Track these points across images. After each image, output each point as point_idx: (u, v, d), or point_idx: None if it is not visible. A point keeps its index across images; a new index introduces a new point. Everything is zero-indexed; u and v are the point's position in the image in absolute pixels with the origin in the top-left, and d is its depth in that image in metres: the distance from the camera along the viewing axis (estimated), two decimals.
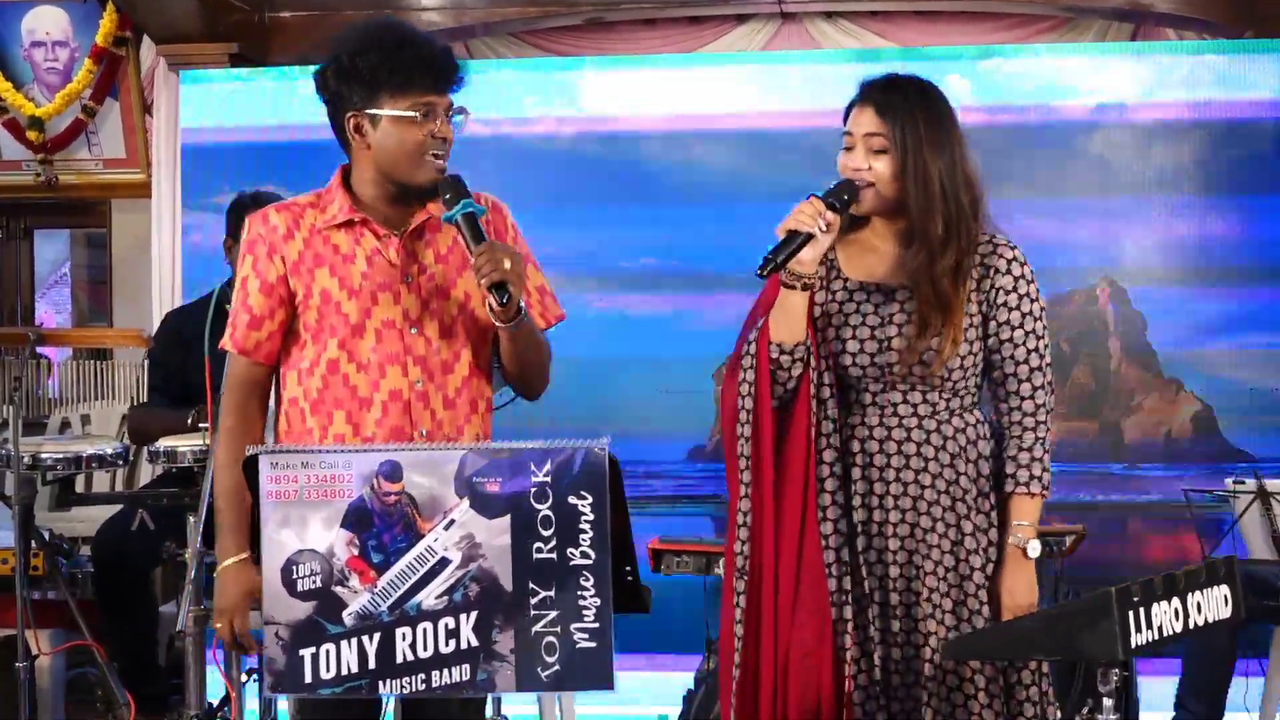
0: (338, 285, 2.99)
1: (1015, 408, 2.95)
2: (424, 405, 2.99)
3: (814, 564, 2.93)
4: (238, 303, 3.04)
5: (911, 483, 2.93)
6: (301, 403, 3.03)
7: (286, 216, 3.04)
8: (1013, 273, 2.95)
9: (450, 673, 2.45)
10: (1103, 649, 2.47)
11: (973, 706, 2.92)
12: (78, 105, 6.21)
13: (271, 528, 2.48)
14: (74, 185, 6.40)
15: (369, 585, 2.46)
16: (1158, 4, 5.58)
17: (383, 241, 3.00)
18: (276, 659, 2.47)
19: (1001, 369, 2.96)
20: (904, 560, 2.94)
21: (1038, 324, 2.96)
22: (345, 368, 2.99)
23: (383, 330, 2.98)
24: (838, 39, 6.09)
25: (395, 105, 2.94)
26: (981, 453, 2.96)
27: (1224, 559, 2.69)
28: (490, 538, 2.44)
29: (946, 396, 2.95)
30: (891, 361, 2.92)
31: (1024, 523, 2.92)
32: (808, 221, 2.85)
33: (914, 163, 2.90)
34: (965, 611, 2.92)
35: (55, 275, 7.06)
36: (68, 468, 4.23)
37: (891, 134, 2.90)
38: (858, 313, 2.97)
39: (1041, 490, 2.93)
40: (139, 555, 4.58)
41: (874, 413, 2.96)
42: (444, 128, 2.95)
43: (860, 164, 2.92)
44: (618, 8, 6.01)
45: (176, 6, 5.72)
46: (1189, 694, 4.44)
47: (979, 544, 2.93)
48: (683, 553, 4.39)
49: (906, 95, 2.95)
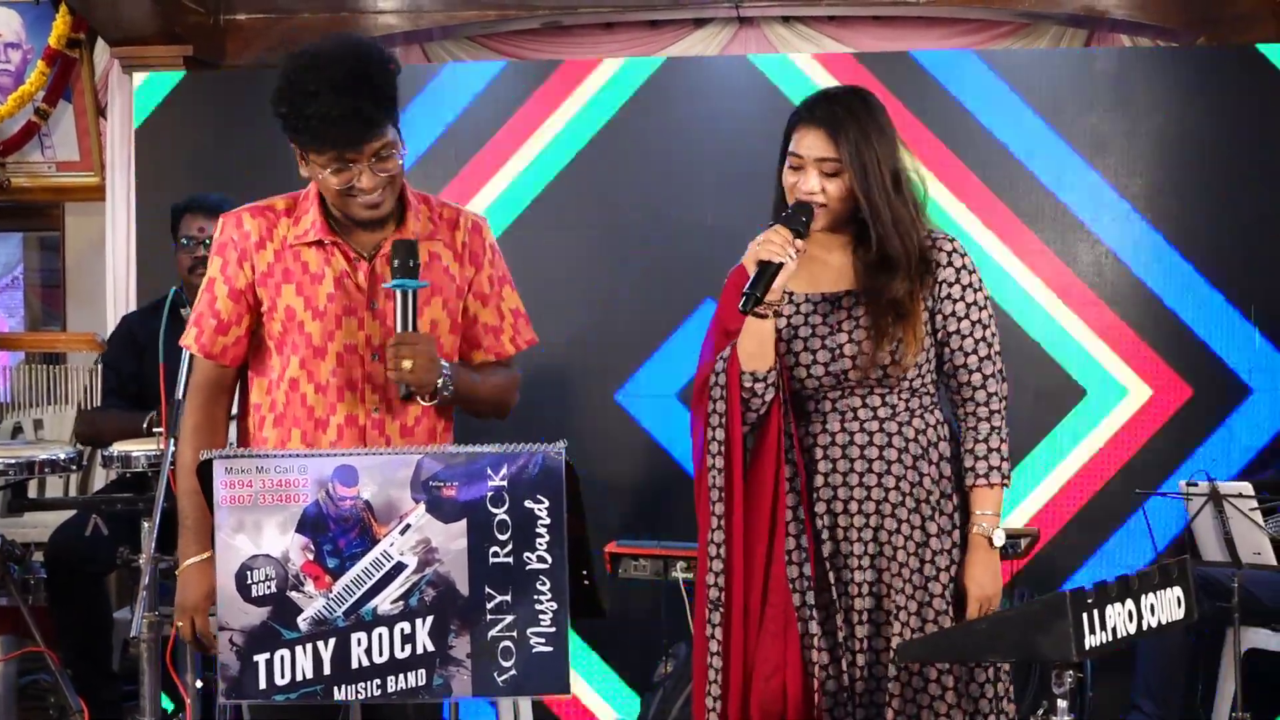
0: (303, 305, 2.98)
1: (969, 398, 2.99)
2: (379, 433, 2.99)
3: (780, 586, 2.95)
4: (204, 305, 3.03)
5: (875, 486, 2.95)
6: (264, 412, 3.04)
7: (261, 224, 3.03)
8: (954, 264, 2.99)
9: (406, 678, 2.44)
10: (1057, 650, 2.48)
11: (939, 708, 2.94)
12: (30, 107, 6.15)
13: (226, 533, 2.46)
14: (27, 188, 6.34)
15: (324, 590, 2.45)
16: (1112, 10, 5.62)
17: (353, 264, 2.99)
18: (230, 665, 2.45)
19: (952, 361, 3.00)
20: (869, 565, 2.96)
21: (983, 313, 3.00)
22: (304, 387, 2.99)
23: (344, 354, 2.97)
24: (795, 44, 6.11)
25: (313, 154, 2.91)
26: (943, 454, 3.00)
27: (1177, 561, 2.71)
28: (447, 542, 2.44)
29: (905, 397, 2.97)
30: (846, 369, 2.95)
31: (987, 512, 2.96)
32: (779, 251, 2.86)
33: (871, 182, 2.93)
34: (930, 613, 2.95)
35: (8, 279, 7.00)
36: (20, 472, 4.19)
37: (844, 157, 2.92)
38: (806, 324, 3.00)
39: (1002, 480, 2.97)
40: (93, 560, 4.55)
41: (835, 419, 2.98)
42: (364, 178, 2.88)
43: (813, 187, 2.95)
44: (575, 11, 6.01)
45: (131, 8, 5.68)
46: (1142, 695, 4.47)
47: (944, 545, 2.97)
48: (640, 556, 4.39)
49: (852, 111, 2.96)
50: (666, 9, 6.03)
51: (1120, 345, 5.06)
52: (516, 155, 5.28)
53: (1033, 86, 5.12)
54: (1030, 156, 5.09)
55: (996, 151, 5.10)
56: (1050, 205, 5.08)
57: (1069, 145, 5.08)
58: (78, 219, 6.43)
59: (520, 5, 5.96)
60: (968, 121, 5.11)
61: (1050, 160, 5.09)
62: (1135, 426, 5.03)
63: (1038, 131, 5.09)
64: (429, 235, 3.04)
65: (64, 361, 6.30)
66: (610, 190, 5.27)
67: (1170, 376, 5.03)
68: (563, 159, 5.28)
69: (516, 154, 5.28)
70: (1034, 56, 5.66)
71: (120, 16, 5.76)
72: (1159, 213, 5.05)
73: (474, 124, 5.31)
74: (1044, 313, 5.08)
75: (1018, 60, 5.37)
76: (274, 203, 3.08)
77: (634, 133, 5.25)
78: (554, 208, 5.26)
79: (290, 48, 5.86)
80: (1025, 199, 5.09)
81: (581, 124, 5.28)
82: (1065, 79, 5.14)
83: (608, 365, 5.19)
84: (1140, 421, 5.03)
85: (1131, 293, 5.05)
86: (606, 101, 5.27)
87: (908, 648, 2.81)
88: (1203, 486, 4.18)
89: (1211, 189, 5.05)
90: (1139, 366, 5.03)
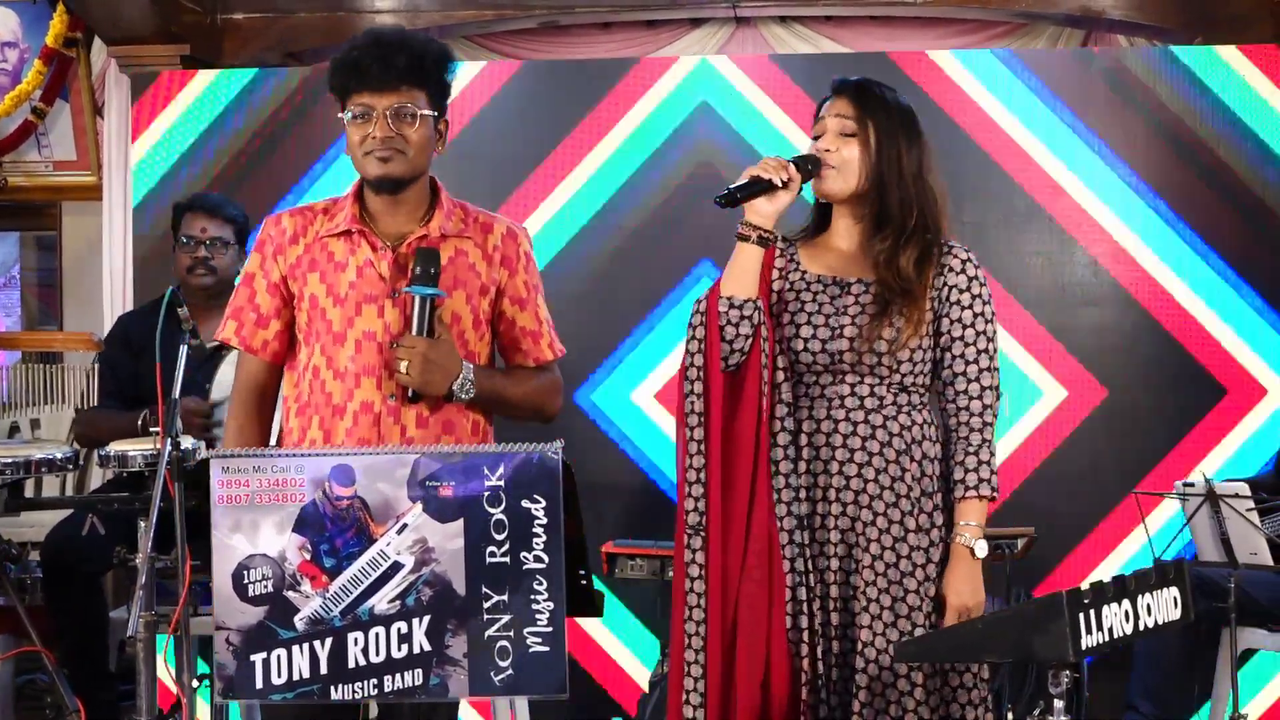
0: (325, 292, 3.06)
1: (963, 408, 2.99)
2: (394, 420, 3.02)
3: (761, 535, 2.95)
4: (243, 299, 3.14)
5: (855, 476, 2.97)
6: (290, 402, 3.12)
7: (297, 220, 3.13)
8: (966, 273, 3.02)
9: (403, 677, 2.44)
10: (1054, 650, 2.48)
11: (907, 703, 2.95)
12: (27, 107, 6.14)
13: (223, 532, 2.46)
14: (24, 187, 6.33)
15: (321, 590, 2.46)
16: (1109, 10, 5.62)
17: (377, 254, 3.06)
18: (227, 664, 2.45)
19: (951, 368, 3.01)
20: (843, 554, 2.98)
21: (989, 326, 3.03)
22: (324, 374, 3.05)
23: (363, 341, 3.03)
24: (792, 44, 6.10)
25: (344, 107, 3.05)
26: (927, 454, 3.00)
27: (1174, 562, 2.71)
28: (443, 542, 2.44)
29: (894, 391, 2.99)
30: (843, 349, 2.98)
31: (971, 523, 2.97)
32: (771, 171, 2.95)
33: (887, 149, 3.01)
34: (904, 608, 2.95)
35: (4, 278, 6.99)
36: (17, 472, 4.17)
37: (863, 120, 3.01)
38: (814, 301, 3.04)
39: (991, 493, 2.98)
40: (89, 560, 4.54)
41: (822, 405, 3.00)
42: (380, 127, 2.99)
43: (829, 145, 3.03)
44: (572, 11, 6.00)
45: (128, 7, 5.67)
46: (1139, 695, 4.47)
47: (919, 543, 2.97)
48: (637, 556, 4.40)
49: (880, 91, 3.07)
50: (663, 9, 6.03)
51: (1120, 345, 5.07)
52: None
53: (1033, 86, 5.14)
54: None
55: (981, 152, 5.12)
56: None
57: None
58: (74, 218, 6.43)
59: (517, 5, 5.95)
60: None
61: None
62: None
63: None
64: (457, 233, 3.12)
65: (61, 361, 6.29)
66: (566, 190, 5.29)
67: (1143, 376, 5.06)
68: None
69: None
70: (1033, 56, 5.67)
71: (117, 16, 5.75)
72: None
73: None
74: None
75: (1032, 59, 5.39)
76: (315, 204, 3.19)
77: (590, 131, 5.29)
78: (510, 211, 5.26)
79: (288, 47, 5.90)
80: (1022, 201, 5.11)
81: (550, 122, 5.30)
82: (1062, 78, 5.16)
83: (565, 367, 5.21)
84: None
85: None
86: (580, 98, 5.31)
87: (905, 647, 2.82)
88: (1199, 487, 4.19)
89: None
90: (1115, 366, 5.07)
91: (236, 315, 3.14)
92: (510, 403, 3.15)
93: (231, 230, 4.63)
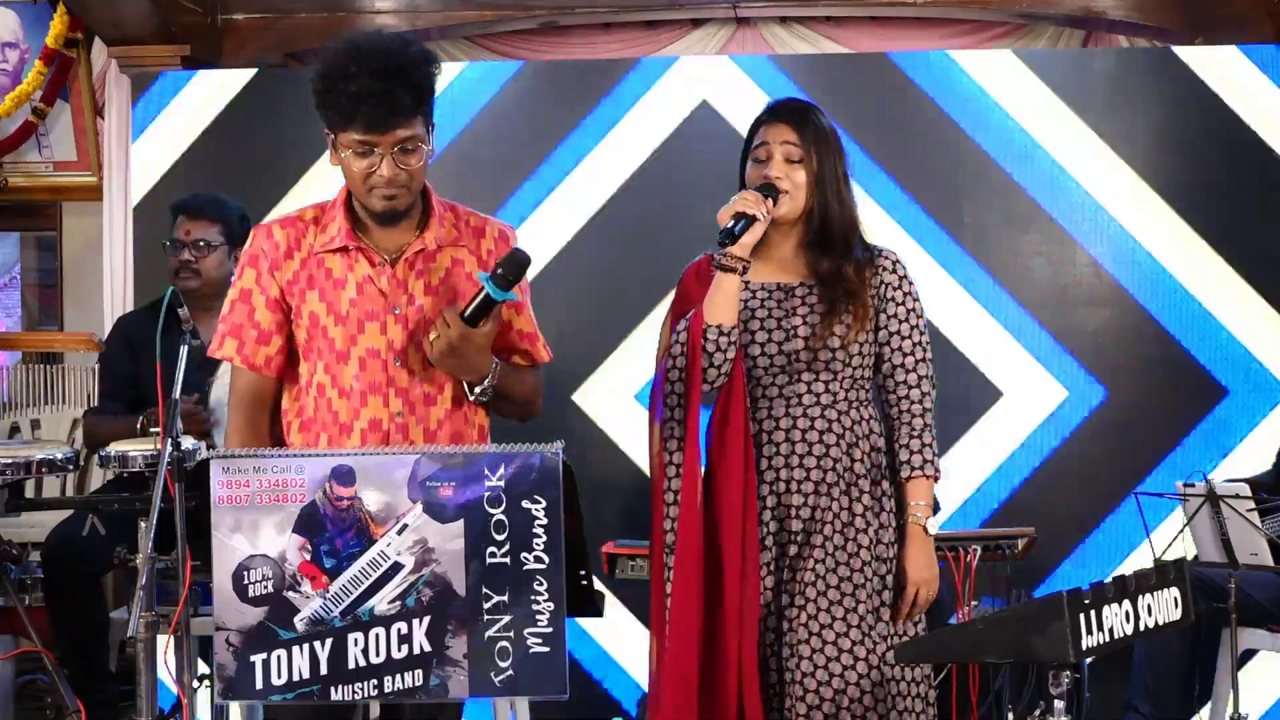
0: (325, 310, 3.01)
1: (904, 397, 3.24)
2: (403, 436, 3.00)
3: (754, 545, 3.14)
4: (242, 316, 3.06)
5: (814, 468, 3.18)
6: (292, 418, 3.07)
7: (290, 234, 3.06)
8: (897, 272, 3.28)
9: (403, 678, 2.44)
10: (1054, 651, 2.49)
11: (848, 691, 3.07)
12: (28, 107, 6.13)
13: (223, 533, 2.47)
14: (24, 188, 6.33)
15: (321, 590, 2.46)
16: (1109, 11, 5.62)
17: (376, 270, 3.01)
18: (227, 665, 2.45)
19: (890, 360, 3.25)
20: (802, 540, 3.17)
21: (921, 320, 3.29)
22: (329, 392, 3.01)
23: (366, 359, 3.00)
24: (792, 44, 6.11)
25: (341, 136, 2.94)
26: (875, 445, 3.24)
27: (1174, 562, 2.71)
28: (444, 542, 2.44)
29: (846, 386, 3.21)
30: (798, 349, 3.19)
31: (921, 502, 3.21)
32: (753, 206, 3.14)
33: (828, 172, 3.24)
34: (850, 586, 3.12)
35: (5, 278, 6.99)
36: (17, 472, 4.18)
37: (807, 147, 3.24)
38: (762, 307, 3.26)
39: (935, 472, 3.22)
40: (90, 560, 4.54)
41: (780, 404, 3.22)
42: (386, 165, 2.91)
43: (778, 172, 3.22)
44: (572, 12, 6.00)
45: (128, 8, 5.66)
46: (1139, 696, 4.47)
47: (868, 524, 3.19)
48: (637, 556, 4.39)
49: (813, 116, 3.30)
50: (664, 9, 6.03)
51: (1120, 345, 5.07)
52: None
53: (1034, 85, 5.14)
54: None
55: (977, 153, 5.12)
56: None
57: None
58: (75, 219, 6.42)
59: (517, 6, 5.95)
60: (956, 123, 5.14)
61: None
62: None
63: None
64: (452, 241, 3.08)
65: (61, 361, 6.28)
66: (566, 190, 5.29)
67: (1143, 376, 5.05)
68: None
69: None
70: (1033, 56, 5.67)
71: (117, 16, 5.75)
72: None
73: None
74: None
75: (1044, 59, 5.39)
76: (303, 213, 3.12)
77: (590, 131, 5.30)
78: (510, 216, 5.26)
79: (288, 47, 5.90)
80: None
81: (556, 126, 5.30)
82: (1062, 78, 5.16)
83: (565, 367, 5.21)
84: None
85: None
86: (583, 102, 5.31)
87: (905, 648, 2.84)
88: (1199, 487, 4.19)
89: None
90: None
91: (236, 333, 3.07)
92: (514, 398, 3.13)
93: (218, 230, 4.59)
